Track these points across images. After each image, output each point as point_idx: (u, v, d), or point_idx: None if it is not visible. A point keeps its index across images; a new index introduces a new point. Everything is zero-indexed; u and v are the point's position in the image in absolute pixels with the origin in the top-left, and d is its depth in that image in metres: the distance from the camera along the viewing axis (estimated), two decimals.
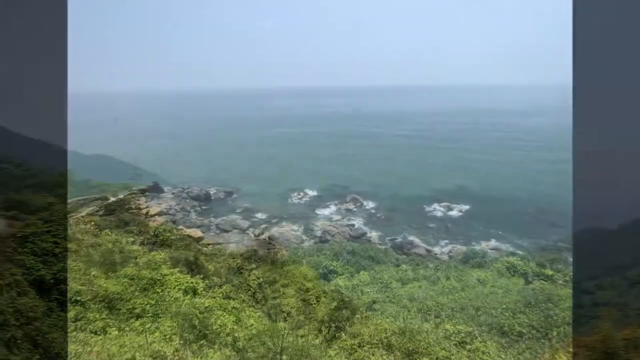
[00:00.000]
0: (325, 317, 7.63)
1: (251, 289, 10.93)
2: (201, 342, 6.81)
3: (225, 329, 7.37)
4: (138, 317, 7.53)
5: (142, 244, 13.93)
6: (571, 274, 18.23)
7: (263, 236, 40.00)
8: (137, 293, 8.23)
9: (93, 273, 8.78)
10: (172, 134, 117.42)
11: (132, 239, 14.17)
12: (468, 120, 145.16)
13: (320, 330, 7.52)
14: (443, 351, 8.15)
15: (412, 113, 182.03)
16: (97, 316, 6.94)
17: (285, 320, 8.47)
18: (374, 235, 39.77)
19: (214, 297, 9.05)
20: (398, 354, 7.70)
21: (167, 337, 6.70)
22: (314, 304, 11.34)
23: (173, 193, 53.07)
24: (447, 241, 37.98)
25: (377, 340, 7.85)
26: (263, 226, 42.47)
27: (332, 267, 21.15)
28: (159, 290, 8.75)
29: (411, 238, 38.00)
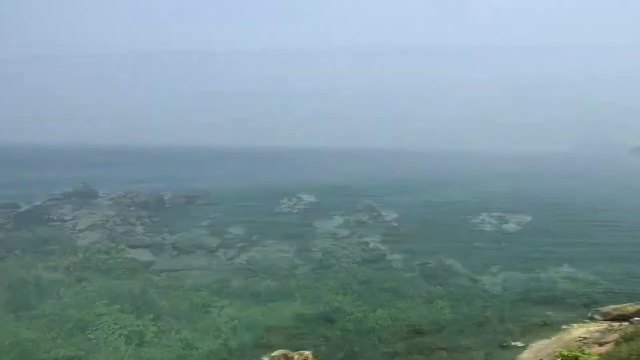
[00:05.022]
0: None
1: (222, 334, 10.94)
2: None
3: None
4: None
5: (67, 270, 13.95)
6: None
7: (239, 260, 40.01)
8: (60, 340, 8.23)
9: None
10: None
11: (53, 264, 14.17)
12: (532, 93, 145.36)
13: None
14: None
15: (465, 83, 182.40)
16: None
17: None
18: (396, 258, 39.66)
19: (170, 346, 9.06)
20: None
21: None
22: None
23: (112, 198, 53.11)
24: (500, 267, 37.83)
25: None
26: (240, 245, 42.42)
27: (337, 304, 21.26)
28: (92, 337, 8.76)
29: (449, 262, 37.88)
